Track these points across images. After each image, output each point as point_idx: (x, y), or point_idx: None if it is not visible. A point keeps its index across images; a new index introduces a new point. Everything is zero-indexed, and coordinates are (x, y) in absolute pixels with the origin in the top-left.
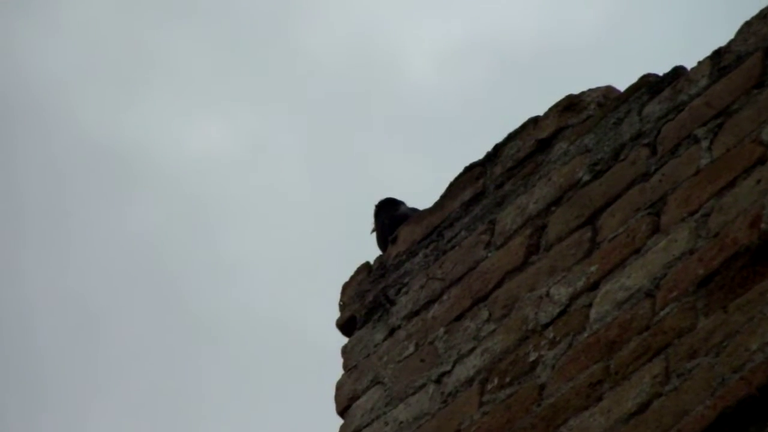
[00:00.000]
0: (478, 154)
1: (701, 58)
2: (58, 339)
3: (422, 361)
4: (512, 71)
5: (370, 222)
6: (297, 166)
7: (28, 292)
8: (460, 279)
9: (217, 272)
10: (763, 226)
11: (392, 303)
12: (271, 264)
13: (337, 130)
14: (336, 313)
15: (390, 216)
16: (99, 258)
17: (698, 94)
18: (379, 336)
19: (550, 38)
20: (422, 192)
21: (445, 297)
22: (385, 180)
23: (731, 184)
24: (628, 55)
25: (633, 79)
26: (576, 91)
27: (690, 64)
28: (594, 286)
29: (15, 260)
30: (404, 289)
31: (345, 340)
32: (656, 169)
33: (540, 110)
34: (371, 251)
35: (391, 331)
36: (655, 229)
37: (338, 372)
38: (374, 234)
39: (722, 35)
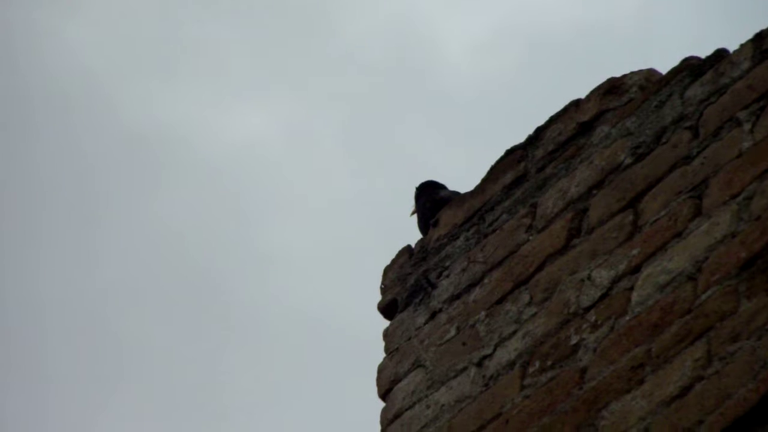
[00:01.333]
0: (517, 139)
1: (743, 40)
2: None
3: (464, 344)
4: (548, 55)
5: (410, 205)
6: (335, 154)
7: (57, 286)
8: (501, 262)
9: (254, 263)
10: None
11: (434, 286)
12: (309, 254)
13: (375, 117)
14: (374, 302)
15: (431, 199)
16: (132, 249)
17: (740, 77)
18: (421, 319)
19: (587, 22)
20: (461, 177)
21: (486, 280)
22: (424, 166)
23: None
24: (667, 39)
25: (673, 62)
26: (615, 74)
27: (732, 46)
28: (636, 270)
29: (45, 252)
30: (445, 273)
31: (386, 323)
32: (698, 152)
33: (578, 94)
34: (411, 238)
35: (433, 315)
36: (697, 213)
37: (375, 362)
38: (414, 217)
39: (765, 18)
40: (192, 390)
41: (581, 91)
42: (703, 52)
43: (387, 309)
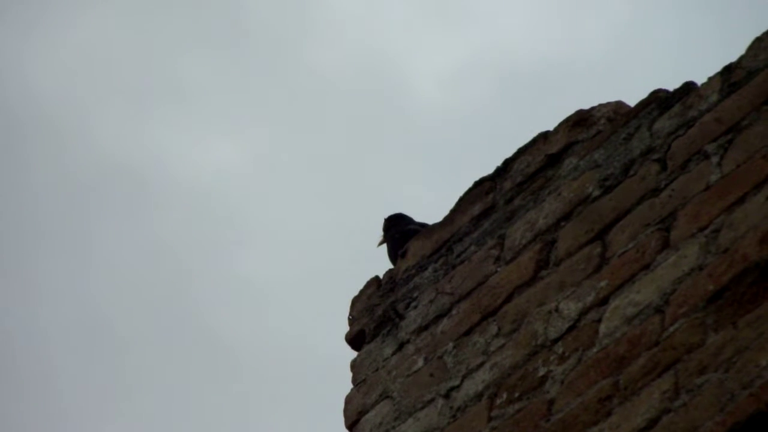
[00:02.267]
0: (486, 171)
1: (711, 73)
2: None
3: (431, 375)
4: (518, 88)
5: (378, 236)
6: (308, 184)
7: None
8: (469, 294)
9: (232, 290)
10: None
11: (401, 317)
12: (285, 282)
13: (348, 149)
14: (343, 332)
15: (400, 231)
16: (114, 276)
17: (708, 110)
18: (388, 350)
19: (556, 55)
20: (430, 206)
21: (454, 311)
22: (394, 196)
23: (741, 200)
24: (636, 72)
25: (641, 95)
26: (584, 106)
27: (700, 79)
28: (603, 302)
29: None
30: (413, 304)
31: (354, 354)
32: (666, 185)
33: (547, 127)
34: (383, 268)
35: (400, 346)
36: (665, 245)
37: (345, 393)
38: (382, 247)
39: (733, 51)
40: (171, 413)
41: (550, 123)
42: (671, 85)
43: (354, 340)
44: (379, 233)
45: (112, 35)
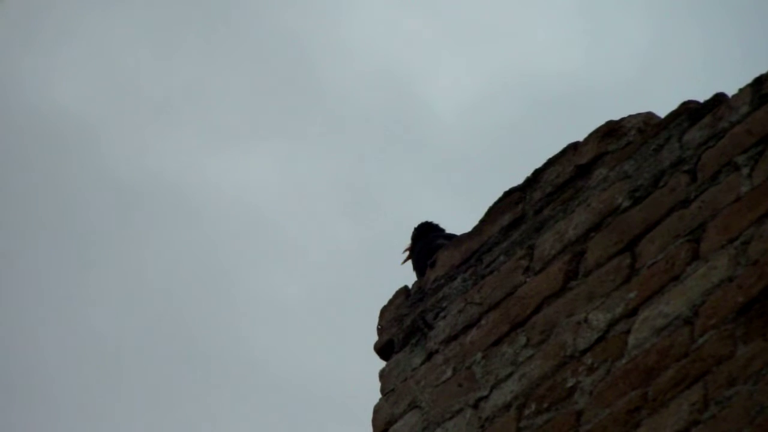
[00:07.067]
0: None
1: (742, 85)
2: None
3: (460, 385)
4: (542, 109)
5: (406, 246)
6: (328, 205)
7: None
8: (498, 304)
9: (242, 313)
10: None
11: (430, 327)
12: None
13: (367, 170)
14: (365, 355)
15: (426, 244)
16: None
17: (739, 122)
18: (417, 360)
19: (581, 76)
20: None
21: (483, 322)
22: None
23: None
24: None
25: (671, 107)
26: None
27: (731, 91)
28: (633, 313)
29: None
30: (442, 314)
31: (382, 364)
32: (696, 196)
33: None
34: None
35: (429, 356)
36: (695, 256)
37: (366, 414)
38: (406, 261)
39: (759, 66)
40: None
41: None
42: (702, 96)
43: (383, 350)
44: (408, 242)
45: (132, 50)
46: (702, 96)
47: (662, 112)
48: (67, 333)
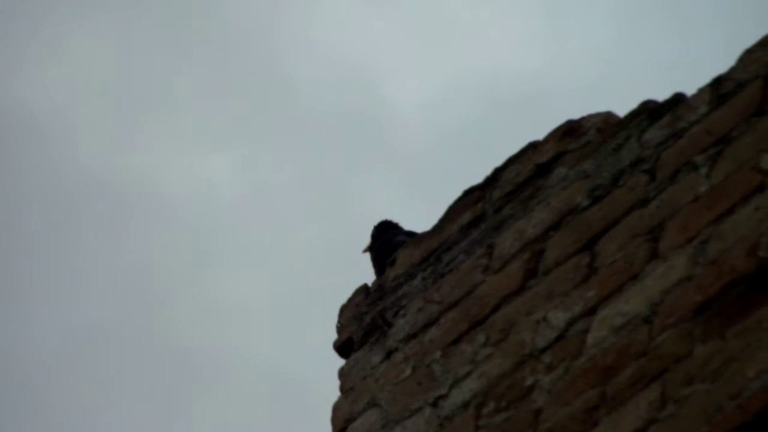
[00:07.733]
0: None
1: (701, 85)
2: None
3: (419, 384)
4: (502, 108)
5: (366, 243)
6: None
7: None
8: (457, 302)
9: (209, 312)
10: (761, 253)
11: (389, 325)
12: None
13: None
14: (327, 356)
15: (385, 242)
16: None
17: (698, 121)
18: (376, 358)
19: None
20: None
21: (442, 320)
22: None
23: (730, 211)
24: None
25: (630, 106)
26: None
27: (690, 91)
28: (591, 312)
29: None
30: (402, 312)
31: (342, 362)
32: (655, 195)
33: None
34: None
35: (388, 354)
36: (653, 256)
37: (328, 411)
38: (368, 254)
39: (723, 63)
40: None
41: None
42: (661, 96)
43: (343, 348)
44: (367, 241)
45: (100, 51)
46: (661, 96)
47: (622, 112)
48: (35, 330)
